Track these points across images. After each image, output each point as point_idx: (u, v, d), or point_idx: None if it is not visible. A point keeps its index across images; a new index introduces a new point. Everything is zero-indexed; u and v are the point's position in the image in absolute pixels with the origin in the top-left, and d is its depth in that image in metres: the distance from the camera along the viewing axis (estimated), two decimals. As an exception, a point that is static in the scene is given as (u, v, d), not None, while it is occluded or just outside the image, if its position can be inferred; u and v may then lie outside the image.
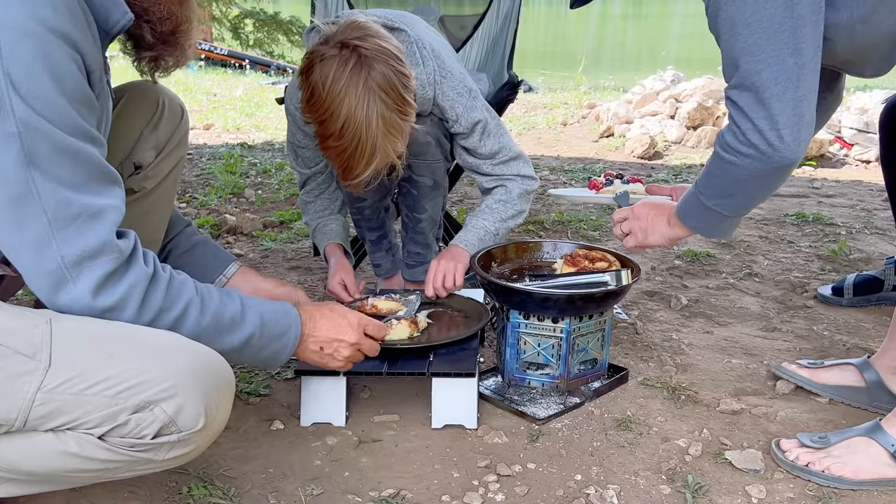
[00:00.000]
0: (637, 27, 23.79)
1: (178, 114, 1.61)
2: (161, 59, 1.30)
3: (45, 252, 1.07)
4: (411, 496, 1.43)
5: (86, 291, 1.09)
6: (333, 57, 1.65)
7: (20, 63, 0.99)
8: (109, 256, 1.10)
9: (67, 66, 1.05)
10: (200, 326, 1.20)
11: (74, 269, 1.08)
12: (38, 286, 1.10)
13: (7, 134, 1.00)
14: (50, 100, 1.02)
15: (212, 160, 4.45)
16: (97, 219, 1.09)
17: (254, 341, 1.27)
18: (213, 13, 10.37)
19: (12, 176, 1.02)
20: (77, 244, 1.07)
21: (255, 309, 1.28)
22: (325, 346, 1.41)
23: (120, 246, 1.11)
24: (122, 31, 1.19)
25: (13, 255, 1.09)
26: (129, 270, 1.12)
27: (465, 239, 1.99)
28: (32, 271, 1.09)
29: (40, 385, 1.07)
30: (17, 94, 0.99)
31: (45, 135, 1.02)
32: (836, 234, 3.13)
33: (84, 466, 1.13)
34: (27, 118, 1.00)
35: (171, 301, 1.17)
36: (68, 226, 1.06)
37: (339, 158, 1.71)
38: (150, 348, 1.14)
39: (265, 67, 10.98)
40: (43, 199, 1.04)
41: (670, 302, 2.37)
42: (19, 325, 1.10)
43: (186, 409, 1.12)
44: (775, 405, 1.77)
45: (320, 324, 1.40)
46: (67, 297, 1.09)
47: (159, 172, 1.58)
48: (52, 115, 1.03)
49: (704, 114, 5.00)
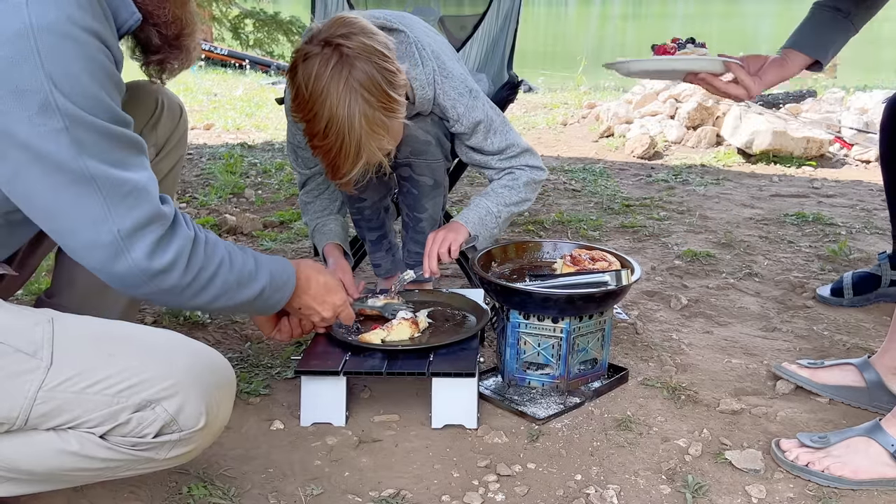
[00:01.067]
0: (637, 27, 23.79)
1: (177, 113, 1.62)
2: (167, 62, 1.34)
3: (101, 228, 1.12)
4: (411, 496, 1.43)
5: (141, 257, 1.15)
6: (316, 55, 1.65)
7: (60, 64, 1.05)
8: (158, 223, 1.16)
9: (99, 59, 1.10)
10: (228, 283, 1.28)
11: (129, 240, 1.13)
12: (95, 258, 1.14)
13: (56, 129, 1.06)
14: (89, 94, 1.08)
15: (212, 160, 4.44)
16: (144, 193, 1.15)
17: (265, 293, 1.38)
18: (213, 13, 10.36)
19: (67, 165, 1.08)
20: (132, 217, 1.13)
21: (265, 264, 1.39)
22: (303, 307, 1.55)
23: (165, 212, 1.18)
24: (129, 31, 1.22)
25: (69, 235, 1.13)
26: (176, 234, 1.19)
27: (467, 217, 1.98)
28: (89, 247, 1.13)
29: (41, 383, 1.07)
30: (60, 92, 1.05)
31: (89, 125, 1.08)
32: (836, 234, 3.13)
33: (85, 465, 1.13)
34: (72, 113, 1.06)
35: (208, 260, 1.25)
36: (122, 202, 1.12)
37: (325, 157, 1.72)
38: (151, 347, 1.15)
39: (265, 67, 10.97)
40: (97, 181, 1.10)
41: (670, 302, 2.37)
42: (20, 323, 1.10)
43: (187, 408, 1.12)
44: (775, 405, 1.77)
45: (312, 286, 1.54)
46: (125, 265, 1.14)
47: (158, 172, 1.58)
48: (93, 107, 1.09)
49: (704, 114, 5.00)
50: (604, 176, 4.18)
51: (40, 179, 1.08)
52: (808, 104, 5.49)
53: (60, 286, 1.62)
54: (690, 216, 3.36)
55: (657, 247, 2.93)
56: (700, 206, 3.56)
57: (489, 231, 1.99)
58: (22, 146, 1.05)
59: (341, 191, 2.15)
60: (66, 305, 1.57)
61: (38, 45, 1.03)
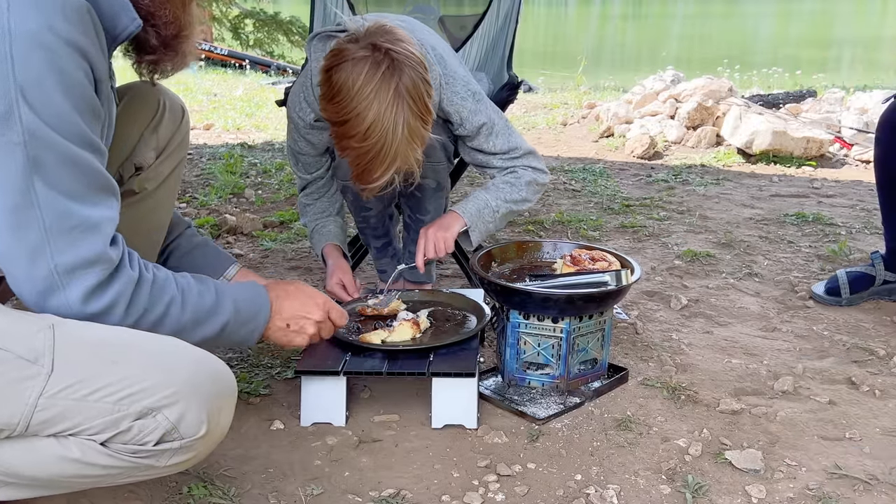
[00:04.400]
0: (637, 27, 23.80)
1: (179, 115, 1.61)
2: (161, 64, 1.32)
3: (38, 260, 1.08)
4: (411, 496, 1.43)
5: (75, 299, 1.11)
6: (366, 58, 1.63)
7: (31, 73, 1.01)
8: (101, 267, 1.12)
9: (76, 75, 1.06)
10: (181, 323, 1.23)
11: (66, 278, 1.10)
12: (27, 291, 1.11)
13: (13, 143, 1.02)
14: (57, 109, 1.04)
15: (212, 160, 4.45)
16: (93, 231, 1.11)
17: (228, 328, 1.31)
18: (213, 13, 10.37)
19: (14, 184, 1.04)
20: (71, 254, 1.09)
21: (229, 296, 1.32)
22: (291, 322, 1.46)
23: (111, 256, 1.14)
24: (129, 37, 1.20)
25: (6, 261, 1.10)
26: (118, 278, 1.15)
27: (465, 208, 1.97)
28: (23, 277, 1.10)
29: (42, 390, 1.07)
30: (26, 103, 1.01)
31: (51, 145, 1.04)
32: (836, 234, 3.13)
33: (86, 472, 1.12)
34: (34, 128, 1.02)
35: (154, 301, 1.20)
36: (65, 236, 1.08)
37: (358, 160, 1.70)
38: (153, 355, 1.14)
39: (265, 67, 10.98)
40: (42, 208, 1.06)
41: (670, 302, 2.37)
42: (21, 329, 1.09)
43: (188, 416, 1.12)
44: (775, 405, 1.77)
45: (287, 303, 1.45)
46: (56, 302, 1.11)
47: (160, 173, 1.58)
48: (59, 125, 1.04)
49: (704, 114, 5.00)
50: (604, 176, 4.18)
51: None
52: (808, 104, 5.49)
53: None
54: (690, 216, 3.37)
55: (657, 247, 2.93)
56: (700, 206, 3.56)
57: (485, 225, 1.98)
58: None
59: (348, 200, 2.15)
60: None
61: (11, 51, 0.99)
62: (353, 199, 2.13)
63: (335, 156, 2.11)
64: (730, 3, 31.98)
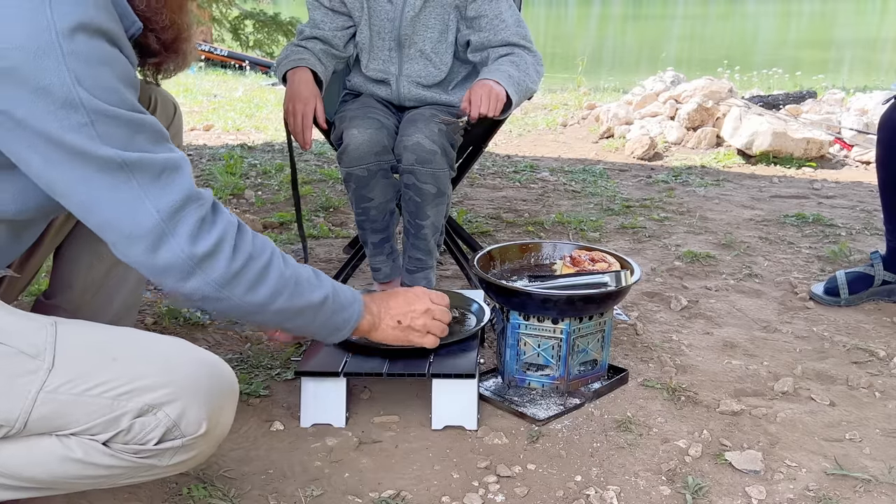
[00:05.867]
0: (637, 28, 23.81)
1: (171, 110, 1.62)
2: (164, 65, 1.35)
3: (140, 211, 1.10)
4: (411, 497, 1.43)
5: (185, 240, 1.12)
6: None
7: (80, 59, 1.05)
8: (197, 203, 1.15)
9: (116, 56, 1.11)
10: (284, 277, 1.24)
11: (171, 221, 1.12)
12: (138, 251, 1.12)
13: (80, 124, 1.06)
14: (110, 87, 1.09)
15: (212, 161, 4.45)
16: (178, 171, 1.14)
17: (328, 303, 1.32)
18: (212, 14, 10.38)
19: (95, 154, 1.08)
20: (169, 196, 1.12)
21: (325, 275, 1.34)
22: (402, 318, 1.50)
23: (202, 193, 1.17)
24: (131, 39, 1.22)
25: (109, 229, 1.12)
26: (218, 217, 1.17)
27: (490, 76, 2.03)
28: (131, 237, 1.12)
29: (42, 385, 1.07)
30: (83, 87, 1.05)
31: (112, 117, 1.09)
32: (836, 235, 3.13)
33: (88, 473, 1.13)
34: (95, 107, 1.06)
35: (259, 249, 1.21)
36: (156, 182, 1.11)
37: None
38: (154, 352, 1.15)
39: (265, 68, 10.98)
40: (128, 167, 1.09)
41: (670, 303, 2.37)
42: (24, 325, 1.10)
43: (189, 414, 1.12)
44: (775, 406, 1.77)
45: (390, 302, 1.51)
46: (169, 252, 1.12)
47: None
48: (114, 100, 1.09)
49: (704, 115, 5.00)
50: (604, 177, 4.19)
51: (71, 173, 1.08)
52: (808, 105, 5.49)
53: (58, 287, 1.62)
54: (690, 217, 3.37)
55: (657, 248, 2.93)
56: (700, 207, 3.56)
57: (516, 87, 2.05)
58: (49, 142, 1.05)
59: (350, 191, 2.15)
60: (65, 307, 1.57)
61: (60, 42, 1.04)
62: (355, 189, 2.13)
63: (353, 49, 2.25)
64: (730, 4, 32.00)
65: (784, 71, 8.72)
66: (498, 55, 2.14)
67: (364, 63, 2.27)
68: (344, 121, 2.13)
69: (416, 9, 2.12)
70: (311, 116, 2.06)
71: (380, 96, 2.28)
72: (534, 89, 2.15)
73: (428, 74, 2.21)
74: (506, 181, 4.08)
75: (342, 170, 2.12)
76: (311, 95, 2.07)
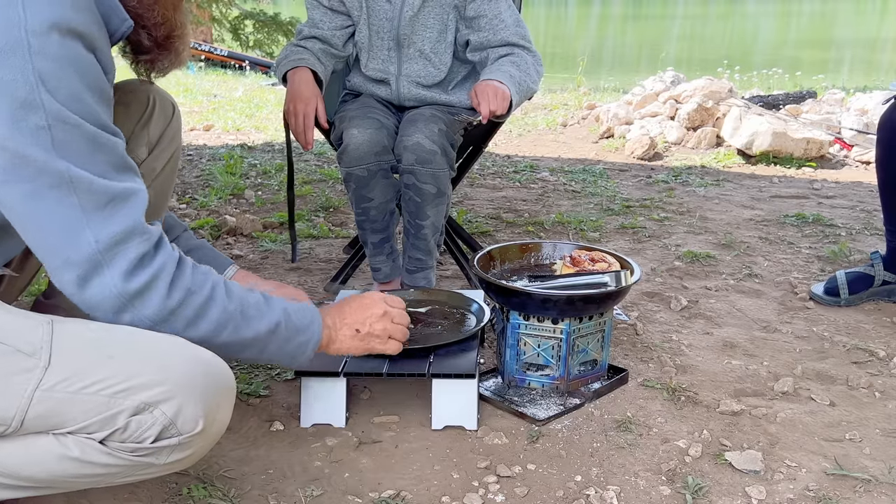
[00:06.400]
0: (637, 28, 23.81)
1: (169, 110, 1.62)
2: (157, 63, 1.33)
3: (79, 239, 1.07)
4: (411, 497, 1.43)
5: (118, 275, 1.09)
6: None
7: (48, 61, 1.03)
8: (140, 238, 1.11)
9: (89, 62, 1.08)
10: (228, 311, 1.19)
11: (108, 253, 1.08)
12: (69, 278, 1.09)
13: (38, 126, 1.03)
14: (76, 94, 1.05)
15: (212, 161, 4.45)
16: (126, 202, 1.10)
17: (280, 330, 1.26)
18: (212, 14, 10.37)
19: (44, 167, 1.04)
20: (110, 227, 1.08)
21: (278, 300, 1.29)
22: (359, 326, 1.44)
23: (149, 228, 1.13)
24: (121, 39, 1.21)
25: (45, 250, 1.09)
26: (159, 253, 1.13)
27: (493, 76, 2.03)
28: (63, 263, 1.08)
29: (38, 383, 1.07)
30: (46, 89, 1.02)
31: (74, 126, 1.05)
32: (836, 235, 3.13)
33: (85, 471, 1.13)
34: (56, 112, 1.03)
35: (198, 284, 1.17)
36: (100, 211, 1.07)
37: None
38: (151, 350, 1.14)
39: (265, 68, 10.97)
40: (75, 186, 1.05)
41: (670, 303, 2.37)
42: (20, 324, 1.10)
43: (186, 411, 1.12)
44: (775, 406, 1.77)
45: (344, 311, 1.44)
46: (99, 285, 1.09)
47: (153, 169, 1.58)
48: (78, 109, 1.06)
49: (704, 115, 5.00)
50: (604, 177, 4.19)
51: (18, 184, 1.04)
52: (808, 105, 5.49)
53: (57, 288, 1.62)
54: (690, 217, 3.37)
55: (657, 248, 2.93)
56: (700, 207, 3.56)
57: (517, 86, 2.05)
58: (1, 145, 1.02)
59: (350, 189, 2.15)
60: (64, 307, 1.57)
61: (28, 40, 1.01)
62: (355, 189, 2.13)
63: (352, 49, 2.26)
64: (730, 4, 32.01)
65: (784, 71, 8.72)
66: (497, 55, 2.14)
67: (363, 62, 2.27)
68: (344, 121, 2.13)
69: (414, 8, 2.12)
70: (312, 116, 2.06)
71: (380, 96, 2.28)
72: (534, 89, 2.15)
73: (427, 74, 2.21)
74: (506, 181, 4.08)
75: (342, 170, 2.12)
76: (312, 95, 2.07)
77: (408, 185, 2.08)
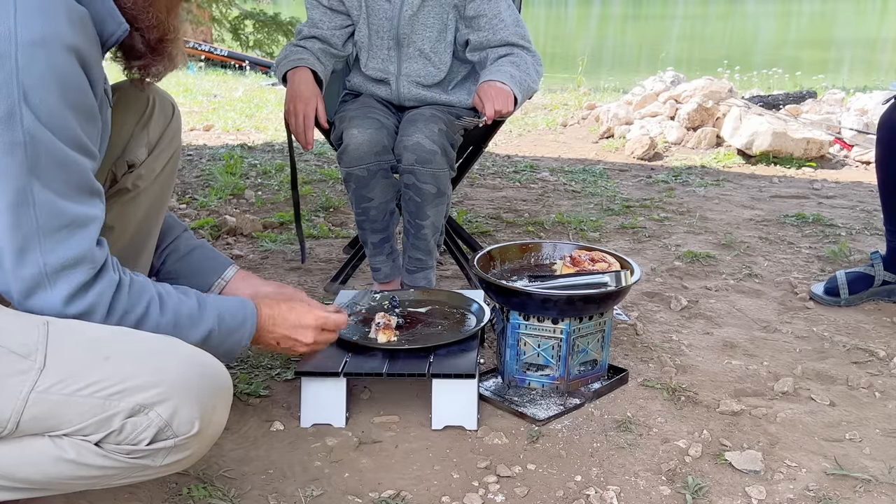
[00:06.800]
0: (637, 28, 23.81)
1: (169, 111, 1.62)
2: (150, 68, 1.34)
3: (27, 257, 1.09)
4: (411, 497, 1.43)
5: (58, 299, 1.12)
6: None
7: (34, 77, 1.03)
8: (87, 266, 1.13)
9: (76, 79, 1.09)
10: (160, 325, 1.22)
11: (53, 277, 1.11)
12: (14, 289, 1.12)
13: (15, 143, 1.04)
14: (56, 112, 1.06)
15: (212, 161, 4.45)
16: (81, 229, 1.13)
17: (213, 336, 1.29)
18: (213, 14, 10.37)
19: (13, 183, 1.06)
20: (61, 252, 1.11)
21: (212, 305, 1.31)
22: (280, 341, 1.44)
23: (97, 256, 1.15)
24: (117, 43, 1.21)
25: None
26: (100, 279, 1.16)
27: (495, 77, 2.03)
28: (10, 275, 1.11)
29: (34, 385, 1.07)
30: (27, 105, 1.03)
31: (47, 146, 1.06)
32: (836, 235, 3.13)
33: (81, 473, 1.12)
34: (34, 129, 1.04)
35: (133, 303, 1.20)
36: (55, 234, 1.10)
37: None
38: (147, 352, 1.14)
39: (265, 68, 10.97)
40: (37, 207, 1.08)
41: (670, 303, 2.37)
42: (15, 325, 1.10)
43: (181, 413, 1.12)
44: (775, 406, 1.77)
45: (278, 321, 1.42)
46: (41, 300, 1.12)
47: (153, 170, 1.58)
48: (56, 128, 1.07)
49: (704, 115, 5.00)
50: (604, 177, 4.19)
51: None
52: (808, 105, 5.49)
53: None
54: (690, 217, 3.37)
55: (657, 248, 2.93)
56: (700, 207, 3.56)
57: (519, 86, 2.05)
58: None
59: (350, 189, 2.15)
60: None
61: (16, 54, 1.02)
62: (355, 189, 2.13)
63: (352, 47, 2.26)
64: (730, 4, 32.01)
65: (784, 71, 8.72)
66: (497, 55, 2.14)
67: (363, 62, 2.27)
68: (344, 121, 2.13)
69: (414, 8, 2.12)
70: (312, 116, 2.06)
71: (380, 96, 2.28)
72: (535, 88, 2.16)
73: (427, 74, 2.21)
74: (506, 181, 4.08)
75: (342, 170, 2.12)
76: (313, 95, 2.07)
77: (408, 185, 2.08)
